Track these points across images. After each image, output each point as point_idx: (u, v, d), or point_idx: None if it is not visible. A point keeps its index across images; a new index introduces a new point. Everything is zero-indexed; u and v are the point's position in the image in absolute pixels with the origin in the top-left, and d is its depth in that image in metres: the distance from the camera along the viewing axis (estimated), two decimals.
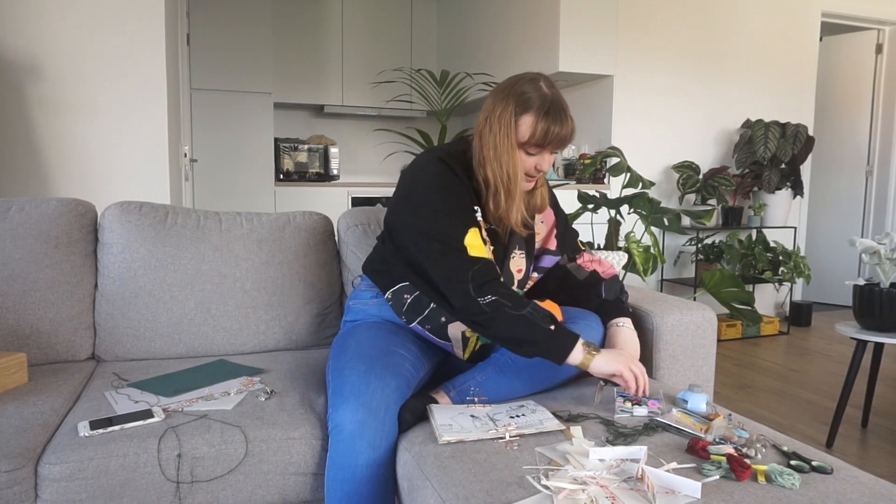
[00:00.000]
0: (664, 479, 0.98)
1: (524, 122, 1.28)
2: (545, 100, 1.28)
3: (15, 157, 2.51)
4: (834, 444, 2.37)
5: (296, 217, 1.91)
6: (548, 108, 1.27)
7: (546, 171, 1.35)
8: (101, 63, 2.56)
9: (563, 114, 1.29)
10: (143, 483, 1.19)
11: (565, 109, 1.30)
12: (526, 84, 1.30)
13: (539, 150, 1.31)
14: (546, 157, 1.33)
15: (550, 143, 1.29)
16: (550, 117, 1.27)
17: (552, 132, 1.28)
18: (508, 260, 1.44)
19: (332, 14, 5.14)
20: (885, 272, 2.25)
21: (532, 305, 1.27)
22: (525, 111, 1.28)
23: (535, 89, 1.29)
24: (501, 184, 1.33)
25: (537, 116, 1.27)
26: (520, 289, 1.48)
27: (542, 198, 1.46)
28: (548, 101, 1.28)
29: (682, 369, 1.66)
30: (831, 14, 4.54)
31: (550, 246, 1.54)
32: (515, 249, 1.45)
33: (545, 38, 3.93)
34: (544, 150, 1.31)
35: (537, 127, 1.27)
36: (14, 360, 1.44)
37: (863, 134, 4.85)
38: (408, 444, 1.22)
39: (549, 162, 1.34)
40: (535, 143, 1.29)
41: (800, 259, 4.06)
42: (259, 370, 1.60)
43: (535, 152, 1.31)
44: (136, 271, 1.71)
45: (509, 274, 1.45)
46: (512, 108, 1.29)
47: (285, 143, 4.75)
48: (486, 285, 1.27)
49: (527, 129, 1.28)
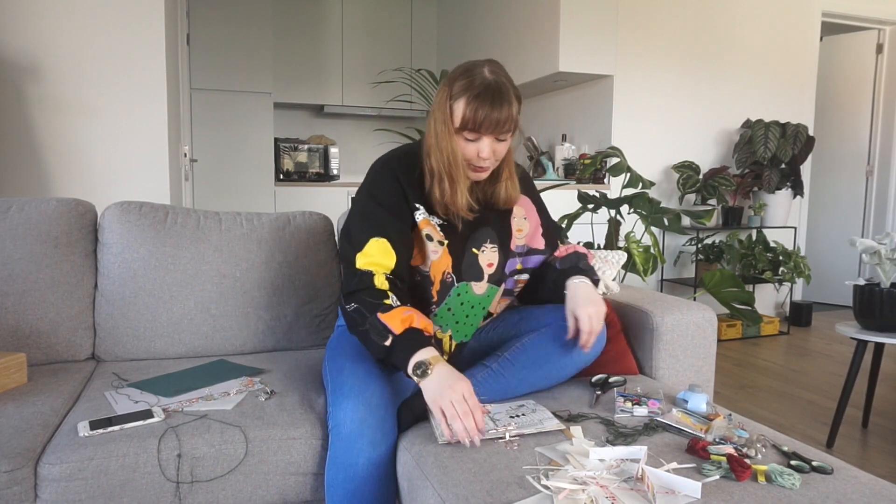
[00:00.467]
0: (664, 479, 0.98)
1: (457, 106, 1.26)
2: (479, 84, 1.25)
3: (15, 157, 2.51)
4: (834, 445, 2.37)
5: (296, 217, 1.91)
6: (479, 92, 1.24)
7: (488, 157, 1.29)
8: (102, 63, 2.56)
9: (498, 97, 1.25)
10: (143, 483, 1.19)
11: (503, 93, 1.25)
12: (466, 70, 1.29)
13: (476, 136, 1.27)
14: (486, 144, 1.28)
15: (483, 128, 1.25)
16: (481, 100, 1.24)
17: (481, 115, 1.24)
18: (467, 253, 1.40)
19: (332, 14, 5.14)
20: (885, 272, 2.25)
21: (371, 321, 1.24)
22: (459, 96, 1.26)
23: (473, 74, 1.27)
24: (444, 170, 1.30)
25: (468, 100, 1.25)
26: (496, 284, 1.45)
27: (508, 191, 1.41)
28: (481, 85, 1.25)
29: (682, 369, 1.66)
30: (831, 14, 4.53)
31: (537, 245, 1.51)
32: (486, 243, 1.42)
33: (545, 38, 3.93)
34: (481, 135, 1.27)
35: (467, 111, 1.25)
36: (14, 360, 1.44)
37: (863, 134, 4.85)
38: (408, 443, 1.22)
39: (493, 150, 1.29)
40: (469, 128, 1.26)
41: (800, 259, 4.06)
42: (259, 370, 1.60)
43: (473, 138, 1.28)
44: (136, 271, 1.71)
45: (477, 267, 1.41)
46: (447, 94, 1.28)
47: (285, 143, 4.75)
48: (354, 294, 1.28)
49: (459, 114, 1.26)
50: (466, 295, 1.42)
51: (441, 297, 1.40)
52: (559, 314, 1.41)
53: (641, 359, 1.67)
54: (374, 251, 1.30)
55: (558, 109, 4.50)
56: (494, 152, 1.31)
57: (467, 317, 1.44)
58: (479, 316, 1.47)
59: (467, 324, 1.45)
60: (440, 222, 1.38)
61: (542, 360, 1.37)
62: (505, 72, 1.31)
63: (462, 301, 1.42)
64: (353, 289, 1.29)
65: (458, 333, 1.45)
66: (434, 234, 1.37)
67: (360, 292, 1.28)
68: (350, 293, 1.29)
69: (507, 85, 1.27)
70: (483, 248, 1.42)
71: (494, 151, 1.30)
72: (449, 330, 1.44)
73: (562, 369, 1.39)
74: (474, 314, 1.45)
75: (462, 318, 1.44)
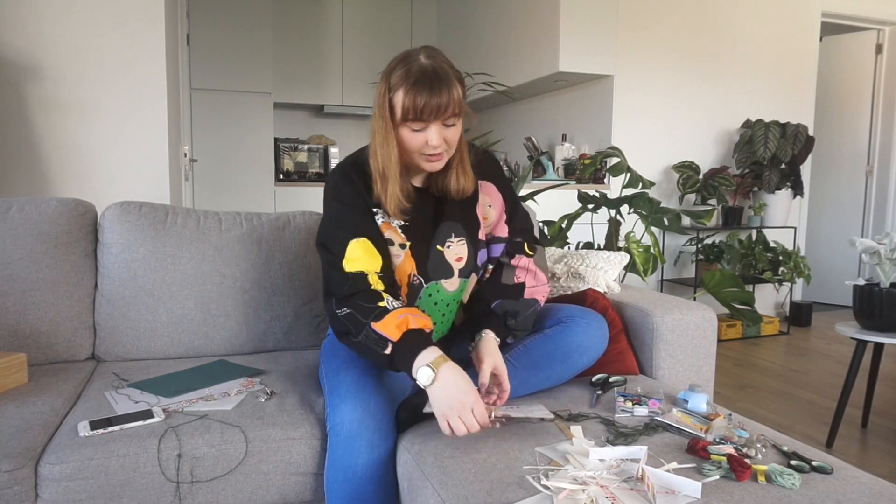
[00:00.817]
0: (664, 479, 0.98)
1: (397, 98, 1.22)
2: (416, 71, 1.21)
3: (15, 157, 2.51)
4: (834, 444, 2.37)
5: (296, 217, 1.91)
6: (417, 79, 1.20)
7: (438, 145, 1.25)
8: (102, 63, 2.56)
9: (437, 82, 1.21)
10: (144, 483, 1.19)
11: (441, 77, 1.21)
12: (401, 60, 1.25)
13: (422, 125, 1.23)
14: (433, 132, 1.23)
15: (426, 114, 1.21)
16: (419, 87, 1.20)
17: (420, 102, 1.20)
18: (432, 252, 1.36)
19: (332, 14, 5.14)
20: (885, 272, 2.25)
21: (366, 332, 1.22)
22: (397, 87, 1.22)
23: (410, 63, 1.23)
24: (380, 169, 1.28)
25: (406, 90, 1.21)
26: (464, 277, 1.40)
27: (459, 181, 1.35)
28: (419, 72, 1.21)
29: (682, 369, 1.66)
30: (831, 14, 4.53)
31: (500, 233, 1.46)
32: (451, 237, 1.37)
33: (545, 38, 3.93)
34: (427, 124, 1.23)
35: (406, 100, 1.21)
36: (14, 360, 1.44)
37: (863, 134, 4.85)
38: (408, 444, 1.22)
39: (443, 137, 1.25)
40: (412, 118, 1.22)
41: (800, 259, 4.06)
42: (259, 371, 1.60)
43: (419, 127, 1.23)
44: (136, 271, 1.71)
45: (445, 264, 1.37)
46: (385, 87, 1.24)
47: (285, 143, 4.75)
48: (348, 299, 1.25)
49: (400, 105, 1.22)
50: (439, 294, 1.38)
51: (411, 300, 1.35)
52: (561, 315, 1.41)
53: (641, 359, 1.67)
54: (358, 253, 1.27)
55: (558, 109, 4.50)
56: (445, 140, 1.26)
57: (443, 315, 1.42)
58: (454, 311, 1.44)
59: (444, 321, 1.43)
60: (401, 224, 1.34)
61: (545, 362, 1.36)
62: (443, 55, 1.27)
63: (435, 301, 1.39)
64: (346, 293, 1.25)
65: (436, 332, 1.42)
66: (395, 237, 1.33)
67: (355, 296, 1.25)
68: (343, 298, 1.26)
69: (445, 68, 1.23)
70: (448, 244, 1.37)
71: (445, 139, 1.26)
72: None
73: (563, 371, 1.39)
74: (449, 311, 1.42)
75: (438, 317, 1.41)
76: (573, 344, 1.37)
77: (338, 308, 1.26)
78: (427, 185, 1.39)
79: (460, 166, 1.35)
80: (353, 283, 1.26)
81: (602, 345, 1.42)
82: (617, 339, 1.62)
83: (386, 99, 1.24)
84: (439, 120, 1.23)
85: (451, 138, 1.27)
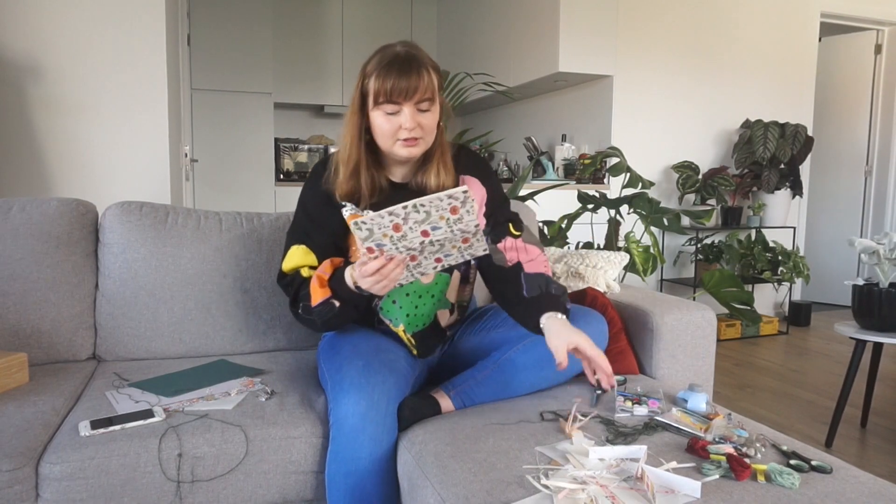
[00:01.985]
0: (664, 479, 0.99)
1: (370, 85, 1.27)
2: (389, 56, 1.27)
3: (16, 157, 2.51)
4: (833, 444, 2.37)
5: None
6: (388, 62, 1.25)
7: (412, 127, 1.27)
8: (102, 63, 2.57)
9: (407, 65, 1.25)
10: (144, 482, 1.20)
11: (411, 62, 1.25)
12: (375, 53, 1.31)
13: (394, 108, 1.26)
14: (407, 114, 1.26)
15: (396, 94, 1.24)
16: (389, 69, 1.24)
17: (389, 83, 1.24)
18: None
19: (332, 14, 5.14)
20: (884, 272, 2.25)
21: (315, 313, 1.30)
22: (370, 75, 1.28)
23: (384, 52, 1.29)
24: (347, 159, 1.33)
25: (377, 73, 1.26)
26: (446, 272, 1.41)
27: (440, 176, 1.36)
28: (390, 56, 1.26)
29: (682, 369, 1.66)
30: (830, 14, 4.54)
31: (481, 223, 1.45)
32: None
33: (545, 39, 3.93)
34: (399, 105, 1.26)
35: (377, 83, 1.26)
36: (15, 360, 1.44)
37: (862, 134, 4.86)
38: (408, 443, 1.22)
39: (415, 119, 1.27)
40: (384, 100, 1.25)
41: (799, 259, 4.07)
42: (259, 370, 1.60)
43: (392, 110, 1.26)
44: (137, 271, 1.72)
45: None
46: (362, 76, 1.30)
47: (285, 143, 4.75)
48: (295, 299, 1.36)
49: (373, 90, 1.27)
50: (411, 286, 1.41)
51: None
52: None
53: (641, 358, 1.67)
54: (294, 256, 1.38)
55: (558, 109, 4.50)
56: (420, 125, 1.28)
57: (416, 307, 1.43)
58: (431, 305, 1.44)
59: (419, 314, 1.43)
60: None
61: (545, 361, 1.37)
62: (419, 47, 1.31)
63: (407, 292, 1.41)
64: (293, 295, 1.37)
65: (410, 325, 1.43)
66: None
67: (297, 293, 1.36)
68: (293, 300, 1.37)
69: (418, 56, 1.28)
70: None
71: (420, 125, 1.28)
72: (401, 324, 1.43)
73: (563, 370, 1.39)
74: (423, 303, 1.43)
75: (411, 309, 1.42)
76: None
77: (292, 309, 1.39)
78: (406, 181, 1.41)
79: (441, 161, 1.37)
80: (291, 281, 1.38)
81: (602, 343, 1.43)
82: (617, 338, 1.62)
83: (359, 89, 1.30)
84: (411, 102, 1.26)
85: (426, 125, 1.29)
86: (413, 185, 1.39)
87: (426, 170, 1.37)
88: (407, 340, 1.45)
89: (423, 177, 1.37)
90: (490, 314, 1.54)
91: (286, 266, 1.38)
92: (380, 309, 1.43)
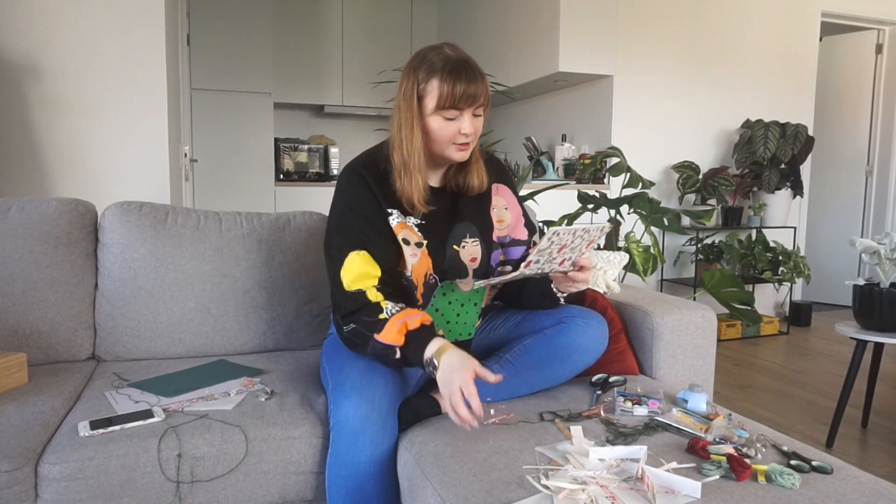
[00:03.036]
0: (664, 479, 0.98)
1: (431, 88, 1.26)
2: (448, 60, 1.26)
3: (15, 157, 2.51)
4: (834, 444, 2.37)
5: (296, 217, 1.91)
6: (452, 68, 1.25)
7: (471, 133, 1.29)
8: (102, 63, 2.56)
9: (471, 71, 1.26)
10: (144, 483, 1.19)
11: (472, 67, 1.27)
12: (425, 55, 1.29)
13: (456, 113, 1.27)
14: (467, 119, 1.28)
15: (462, 102, 1.25)
16: (455, 75, 1.24)
17: (459, 90, 1.24)
18: (448, 251, 1.37)
19: (332, 14, 5.14)
20: (884, 272, 2.25)
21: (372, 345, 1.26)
22: (430, 77, 1.26)
23: (436, 56, 1.27)
24: (405, 161, 1.30)
25: (442, 78, 1.24)
26: (482, 277, 1.41)
27: (480, 175, 1.40)
28: (451, 62, 1.25)
29: (682, 369, 1.66)
30: (831, 14, 4.54)
31: (520, 236, 1.48)
32: (465, 238, 1.39)
33: (545, 39, 3.93)
34: (461, 112, 1.27)
35: (444, 88, 1.24)
36: (14, 360, 1.44)
37: (862, 134, 4.85)
38: (408, 443, 1.22)
39: (473, 124, 1.29)
40: (448, 106, 1.25)
41: (799, 259, 4.06)
42: (259, 370, 1.60)
43: (453, 116, 1.27)
44: (137, 271, 1.71)
45: (460, 264, 1.38)
46: (412, 82, 1.27)
47: (285, 143, 4.75)
48: (350, 315, 1.29)
49: (435, 95, 1.25)
50: (453, 294, 1.40)
51: (426, 299, 1.37)
52: (561, 315, 1.41)
53: (641, 359, 1.67)
54: (355, 265, 1.29)
55: (558, 109, 4.50)
56: (475, 130, 1.30)
57: (458, 315, 1.42)
58: (474, 313, 1.45)
59: (460, 322, 1.43)
60: (417, 222, 1.35)
61: (545, 363, 1.37)
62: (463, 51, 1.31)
63: (449, 300, 1.40)
64: (349, 310, 1.29)
65: (451, 333, 1.43)
66: (411, 236, 1.34)
67: (357, 312, 1.28)
68: (346, 315, 1.29)
69: (474, 62, 1.29)
70: (464, 244, 1.39)
71: (475, 129, 1.30)
72: (440, 330, 1.41)
73: (564, 371, 1.39)
74: (465, 312, 1.43)
75: (452, 317, 1.41)
76: (573, 344, 1.37)
77: (343, 324, 1.30)
78: (443, 185, 1.41)
79: (478, 163, 1.40)
80: (354, 300, 1.28)
81: (602, 345, 1.42)
82: (617, 339, 1.62)
83: (414, 92, 1.27)
84: (472, 108, 1.28)
85: (478, 129, 1.32)
86: (451, 187, 1.40)
87: (468, 171, 1.39)
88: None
89: (466, 178, 1.39)
90: (490, 316, 1.54)
91: (349, 277, 1.28)
92: None
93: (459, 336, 1.44)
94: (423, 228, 1.35)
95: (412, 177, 1.30)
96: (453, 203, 1.40)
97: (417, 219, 1.35)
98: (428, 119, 1.28)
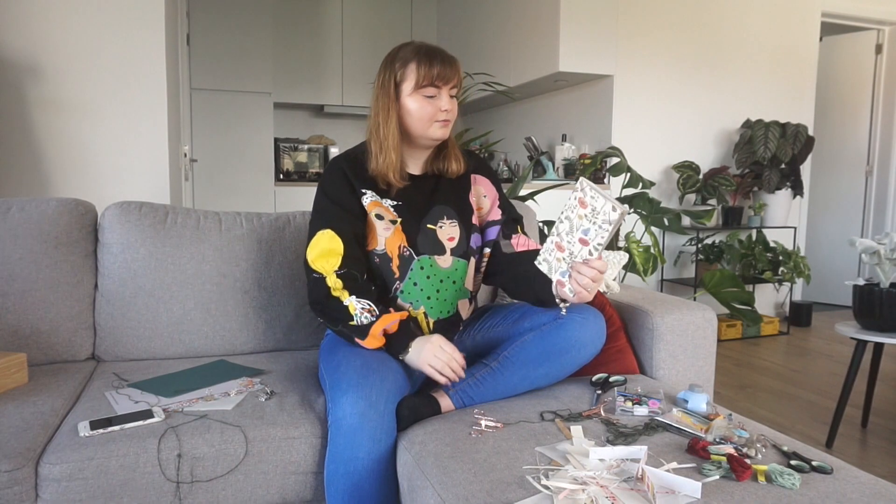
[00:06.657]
0: (664, 479, 0.98)
1: (410, 70, 1.38)
2: (422, 47, 1.39)
3: (15, 157, 2.51)
4: (834, 444, 2.37)
5: (296, 217, 1.91)
6: (426, 51, 1.38)
7: (450, 109, 1.40)
8: (102, 63, 2.56)
9: (444, 54, 1.39)
10: (144, 483, 1.19)
11: (445, 52, 1.40)
12: (400, 48, 1.42)
13: (434, 91, 1.38)
14: (445, 96, 1.39)
15: (439, 80, 1.37)
16: (431, 56, 1.37)
17: (436, 69, 1.36)
18: (422, 229, 1.45)
19: (332, 14, 5.14)
20: (884, 272, 2.25)
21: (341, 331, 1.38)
22: (407, 62, 1.38)
23: (409, 45, 1.41)
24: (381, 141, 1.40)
25: (419, 61, 1.37)
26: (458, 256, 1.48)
27: (458, 159, 1.50)
28: (425, 47, 1.39)
29: (682, 369, 1.66)
30: (831, 14, 4.54)
31: (494, 216, 1.56)
32: (443, 219, 1.47)
33: (545, 39, 3.93)
34: (439, 90, 1.38)
35: (421, 69, 1.36)
36: (14, 360, 1.44)
37: (863, 134, 4.85)
38: (407, 443, 1.22)
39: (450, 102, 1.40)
40: (426, 84, 1.37)
41: (800, 259, 4.06)
42: (259, 371, 1.60)
43: (432, 94, 1.38)
44: (136, 271, 1.71)
45: (437, 242, 1.46)
46: (392, 70, 1.39)
47: (285, 143, 4.75)
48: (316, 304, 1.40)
49: (414, 77, 1.37)
50: (431, 269, 1.46)
51: (402, 272, 1.44)
52: (558, 311, 1.41)
53: (641, 358, 1.67)
54: (320, 243, 1.39)
55: (558, 109, 4.50)
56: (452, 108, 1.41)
57: (438, 291, 1.47)
58: (453, 291, 1.49)
59: (440, 298, 1.47)
60: (394, 203, 1.45)
61: (543, 358, 1.37)
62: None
63: (428, 275, 1.45)
64: (312, 298, 1.40)
65: (433, 310, 1.47)
66: (385, 213, 1.44)
67: (320, 303, 1.38)
68: (313, 302, 1.41)
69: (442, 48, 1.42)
70: (441, 224, 1.47)
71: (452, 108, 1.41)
72: (422, 306, 1.46)
73: (562, 366, 1.39)
74: (445, 288, 1.48)
75: (432, 292, 1.47)
76: (571, 339, 1.37)
77: (312, 309, 1.44)
78: (423, 172, 1.51)
79: (454, 149, 1.51)
80: (316, 286, 1.39)
81: (600, 339, 1.42)
82: (615, 337, 1.62)
83: (392, 80, 1.39)
84: (448, 87, 1.39)
85: (454, 109, 1.43)
86: (432, 171, 1.50)
87: (445, 154, 1.50)
88: (426, 327, 1.47)
89: (445, 163, 1.50)
90: (489, 314, 1.55)
91: (313, 253, 1.39)
92: (400, 293, 1.45)
93: (441, 314, 1.48)
94: (399, 209, 1.44)
95: (387, 154, 1.41)
96: (433, 188, 1.49)
97: (394, 200, 1.44)
98: (407, 101, 1.39)
